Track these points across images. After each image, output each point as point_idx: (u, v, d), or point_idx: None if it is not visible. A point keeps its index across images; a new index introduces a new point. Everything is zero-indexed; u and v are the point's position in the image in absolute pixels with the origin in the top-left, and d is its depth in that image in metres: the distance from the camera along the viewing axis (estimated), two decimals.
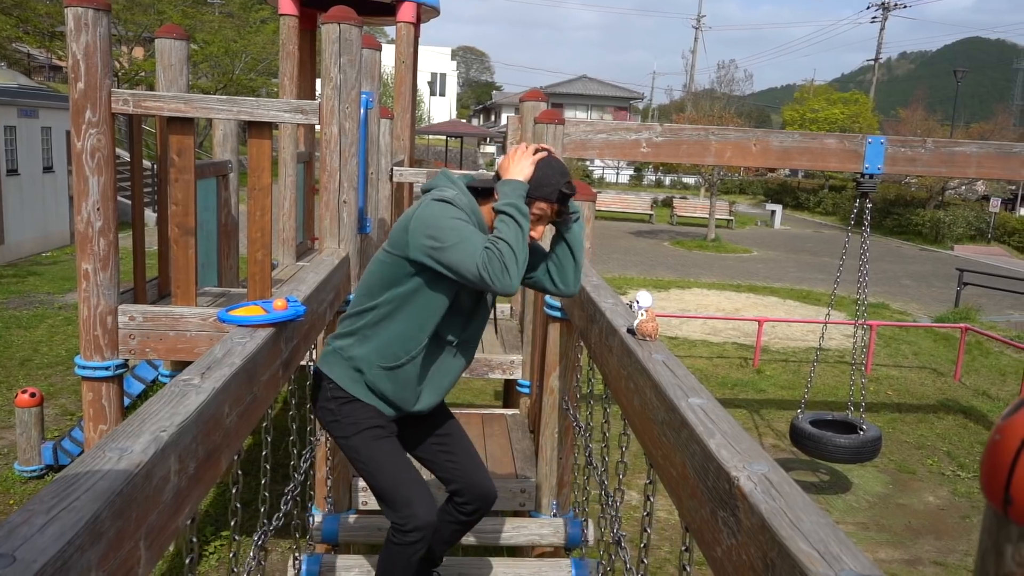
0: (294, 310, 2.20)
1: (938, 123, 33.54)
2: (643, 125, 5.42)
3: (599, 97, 52.34)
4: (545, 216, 2.27)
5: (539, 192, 2.23)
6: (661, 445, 1.75)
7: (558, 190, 2.23)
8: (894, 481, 6.85)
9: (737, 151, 5.46)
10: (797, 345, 11.27)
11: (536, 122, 4.76)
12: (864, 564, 1.04)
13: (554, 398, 3.76)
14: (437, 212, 2.17)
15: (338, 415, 2.38)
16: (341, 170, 3.53)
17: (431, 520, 2.30)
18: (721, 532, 1.34)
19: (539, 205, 2.24)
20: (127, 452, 1.23)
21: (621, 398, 2.24)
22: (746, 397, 8.80)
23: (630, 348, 2.12)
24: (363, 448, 2.35)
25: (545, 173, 2.23)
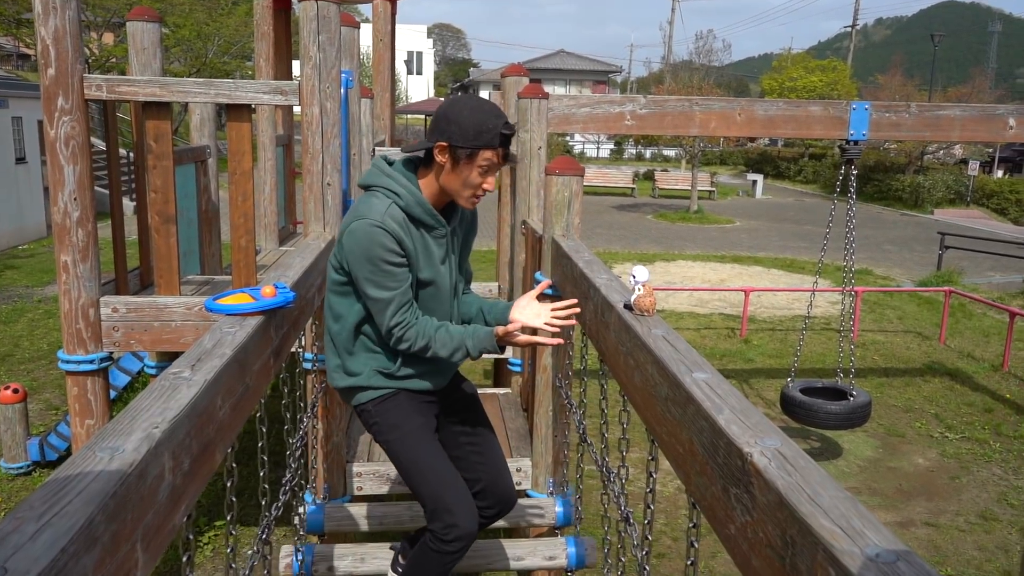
0: (283, 296, 2.14)
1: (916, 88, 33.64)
2: (626, 97, 5.36)
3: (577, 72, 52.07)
4: (493, 164, 2.16)
5: (480, 141, 2.11)
6: (666, 422, 1.72)
7: (498, 133, 2.12)
8: (884, 445, 6.91)
9: (722, 121, 5.42)
10: (783, 314, 11.32)
11: (519, 97, 4.70)
12: (888, 538, 1.01)
13: (547, 376, 3.73)
14: (366, 246, 2.13)
15: (376, 416, 2.35)
16: (324, 151, 3.46)
17: (473, 529, 2.26)
18: (734, 509, 1.31)
19: (484, 155, 2.13)
20: (119, 451, 1.18)
21: (620, 375, 2.21)
22: (735, 367, 8.83)
23: (628, 324, 2.08)
24: (404, 452, 2.32)
25: (479, 119, 2.11)
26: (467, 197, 2.20)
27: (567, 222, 3.48)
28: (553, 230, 3.49)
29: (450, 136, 2.12)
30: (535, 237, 4.00)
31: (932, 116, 5.54)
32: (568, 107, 5.11)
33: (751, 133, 5.87)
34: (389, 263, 2.15)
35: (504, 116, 2.17)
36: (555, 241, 3.44)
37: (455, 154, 2.13)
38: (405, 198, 2.19)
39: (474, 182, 2.17)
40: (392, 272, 2.16)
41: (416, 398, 2.37)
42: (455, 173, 2.16)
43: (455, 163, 2.14)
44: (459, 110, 2.13)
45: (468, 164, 2.13)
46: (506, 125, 2.13)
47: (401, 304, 2.20)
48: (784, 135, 5.72)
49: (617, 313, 2.21)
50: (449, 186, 2.19)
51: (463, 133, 2.11)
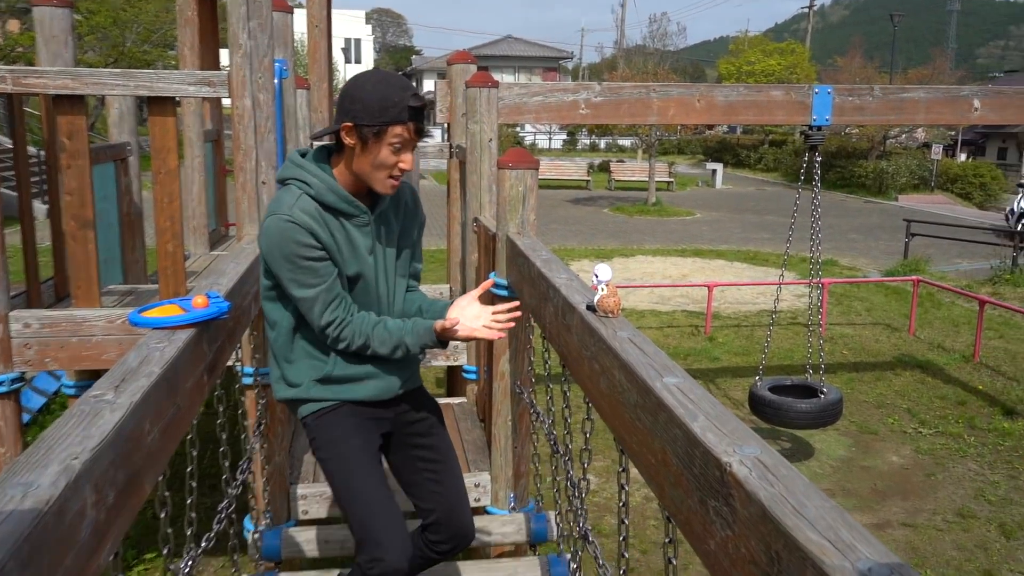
0: (216, 307, 2.08)
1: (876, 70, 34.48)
2: (581, 84, 5.37)
3: (526, 58, 52.22)
4: (405, 140, 2.10)
5: (386, 116, 2.06)
6: (636, 430, 1.70)
7: (406, 106, 2.07)
8: (856, 443, 7.05)
9: (681, 108, 5.46)
10: (748, 309, 11.49)
11: (467, 86, 4.67)
12: (880, 551, 1.01)
13: (505, 383, 3.71)
14: (279, 243, 2.10)
15: (315, 431, 2.30)
16: (257, 147, 3.39)
17: (402, 566, 2.20)
18: (713, 524, 1.30)
19: (393, 132, 2.08)
20: (33, 488, 1.11)
21: (584, 380, 2.19)
22: (700, 367, 8.93)
23: (592, 326, 2.07)
24: (338, 473, 2.26)
25: (383, 93, 2.06)
26: (382, 180, 2.14)
27: (522, 218, 3.46)
28: (507, 227, 3.47)
29: (355, 115, 2.08)
30: (488, 235, 3.97)
31: (896, 99, 5.66)
32: (519, 96, 5.10)
33: (711, 120, 5.93)
34: (306, 258, 2.11)
35: (412, 88, 2.11)
36: (510, 239, 3.42)
37: (362, 134, 2.08)
38: (315, 186, 2.14)
39: (387, 162, 2.11)
40: (312, 268, 2.12)
41: (361, 412, 2.32)
42: (365, 155, 2.11)
43: (364, 144, 2.10)
44: (361, 86, 2.09)
45: (377, 143, 2.08)
46: (415, 96, 2.08)
47: (328, 301, 2.16)
48: (745, 121, 5.79)
49: (579, 315, 2.20)
50: (361, 170, 2.14)
51: (367, 110, 2.06)
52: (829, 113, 5.57)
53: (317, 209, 2.14)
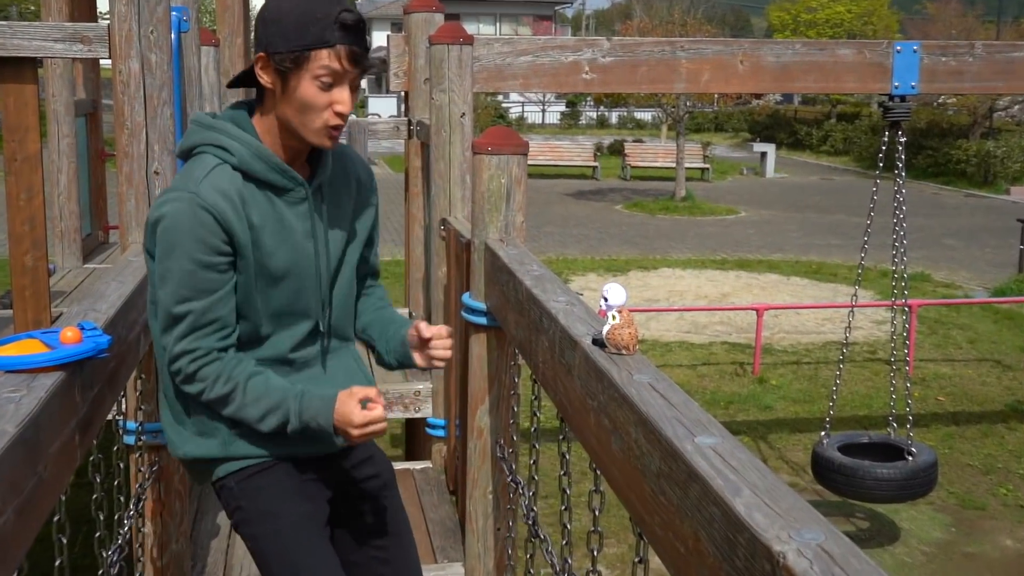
0: (93, 343, 2.09)
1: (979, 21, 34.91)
2: (583, 40, 5.43)
3: (511, 3, 52.61)
4: (336, 72, 2.08)
5: (307, 37, 2.05)
6: (659, 508, 1.72)
7: (332, 22, 2.05)
8: (957, 522, 7.08)
9: (717, 72, 5.52)
10: (811, 340, 11.55)
11: (432, 43, 4.70)
12: None
13: (484, 442, 3.71)
14: (178, 228, 2.09)
15: (240, 497, 2.28)
16: (148, 125, 3.41)
17: None
18: None
19: (318, 59, 2.05)
20: None
21: (589, 440, 2.21)
22: (747, 418, 8.96)
23: (600, 367, 2.08)
24: (277, 554, 2.26)
25: (304, 8, 2.06)
26: (316, 129, 2.13)
27: (506, 221, 3.48)
28: (486, 232, 3.49)
29: (269, 42, 2.09)
30: (460, 243, 3.98)
31: (1005, 59, 5.74)
32: (502, 55, 5.14)
33: (758, 88, 5.99)
34: (203, 263, 2.09)
35: (344, 3, 2.11)
36: (490, 248, 3.43)
37: (279, 66, 2.08)
38: (237, 152, 2.14)
39: (315, 102, 2.09)
40: (203, 276, 2.11)
41: (300, 473, 2.32)
42: (288, 96, 2.10)
43: (283, 80, 2.10)
44: (277, 4, 2.10)
45: (298, 76, 2.08)
46: (346, 11, 2.08)
47: (201, 324, 2.12)
48: (805, 90, 5.87)
49: (583, 351, 2.21)
50: (287, 118, 2.14)
51: (283, 32, 2.07)
52: (916, 79, 5.65)
53: (239, 182, 2.13)
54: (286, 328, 2.27)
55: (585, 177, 29.23)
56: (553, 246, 17.38)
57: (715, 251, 17.38)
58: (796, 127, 39.44)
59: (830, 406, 6.45)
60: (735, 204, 23.91)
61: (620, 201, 24.33)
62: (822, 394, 9.44)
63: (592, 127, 44.51)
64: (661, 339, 11.35)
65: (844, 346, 6.45)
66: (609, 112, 45.13)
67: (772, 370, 10.35)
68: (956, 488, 7.62)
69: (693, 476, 1.55)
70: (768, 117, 41.50)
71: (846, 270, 15.42)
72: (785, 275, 15.18)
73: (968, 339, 11.82)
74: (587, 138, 35.39)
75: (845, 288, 13.71)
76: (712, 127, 43.68)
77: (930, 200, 25.32)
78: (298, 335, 2.29)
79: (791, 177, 30.60)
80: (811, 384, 9.92)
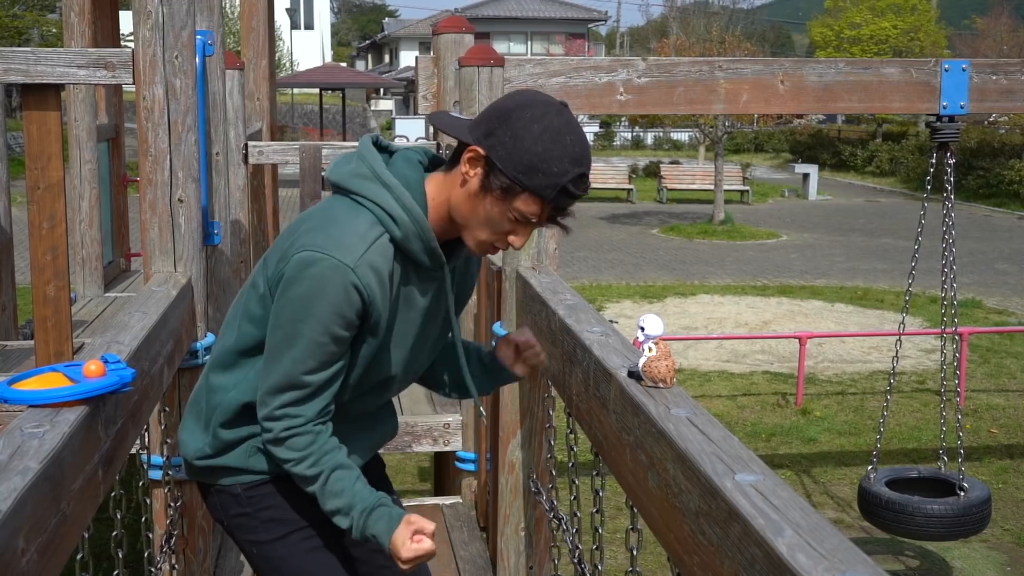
0: (117, 376, 2.12)
1: None
2: (618, 61, 5.44)
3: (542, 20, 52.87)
4: (531, 220, 2.10)
5: (532, 181, 2.03)
6: (698, 548, 1.73)
7: (562, 184, 2.05)
8: (1013, 561, 6.99)
9: (757, 92, 5.52)
10: (857, 370, 11.46)
11: (461, 65, 4.74)
12: None
13: (516, 477, 3.72)
14: (314, 291, 2.07)
15: (246, 504, 2.30)
16: (172, 152, 3.45)
17: None
18: None
19: (524, 201, 2.06)
20: None
21: (625, 476, 2.22)
22: (789, 451, 8.90)
23: (636, 401, 2.09)
24: (286, 564, 2.29)
25: (548, 151, 2.03)
26: (480, 240, 2.14)
27: (538, 248, 3.51)
28: (517, 260, 3.51)
29: (494, 147, 2.04)
30: (491, 271, 4.00)
31: None
32: (533, 77, 5.16)
33: (800, 108, 5.98)
34: (335, 335, 2.09)
35: (586, 163, 2.10)
36: (521, 276, 3.46)
37: (489, 175, 2.05)
38: (404, 227, 2.10)
39: (499, 226, 2.10)
40: (331, 349, 2.11)
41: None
42: (478, 201, 2.09)
43: (483, 188, 2.07)
44: (529, 120, 2.06)
45: (500, 200, 2.06)
46: (580, 179, 2.07)
47: (312, 394, 2.14)
48: (849, 110, 5.84)
49: (619, 384, 2.23)
50: (463, 214, 2.12)
51: (515, 157, 2.03)
52: (965, 98, 5.62)
53: (390, 263, 2.12)
54: (372, 396, 2.33)
55: (620, 200, 29.22)
56: (587, 272, 17.38)
57: (756, 277, 17.31)
58: (840, 147, 39.27)
59: (877, 439, 6.39)
60: (776, 228, 23.82)
61: (656, 225, 24.30)
62: (868, 426, 9.37)
63: (627, 148, 44.53)
64: (699, 368, 11.30)
65: (891, 376, 6.40)
66: (644, 133, 45.11)
67: (816, 401, 10.28)
68: (1011, 525, 7.53)
69: (733, 515, 1.56)
70: (810, 137, 41.35)
71: (893, 296, 15.31)
72: (829, 302, 15.09)
73: (1022, 368, 11.69)
74: (621, 160, 35.43)
75: (892, 315, 13.64)
76: (752, 148, 43.57)
77: (981, 223, 25.12)
78: (379, 403, 2.38)
79: (835, 199, 30.46)
80: (857, 416, 9.85)
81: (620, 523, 6.30)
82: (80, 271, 6.85)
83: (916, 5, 37.71)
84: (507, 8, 52.82)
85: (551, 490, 3.49)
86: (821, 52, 37.14)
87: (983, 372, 11.44)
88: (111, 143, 7.66)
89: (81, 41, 6.96)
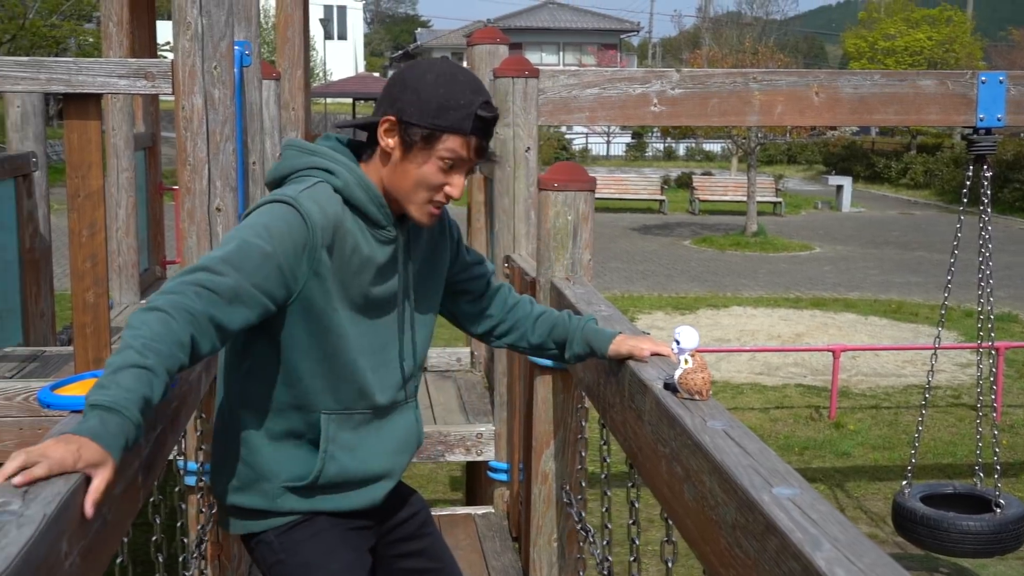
0: None
1: None
2: (651, 72, 5.45)
3: (574, 31, 52.88)
4: (460, 159, 2.15)
5: (444, 120, 2.11)
6: (734, 561, 1.72)
7: (472, 112, 2.13)
8: None
9: (792, 104, 5.51)
10: (891, 384, 11.39)
11: (496, 76, 4.76)
12: None
13: (549, 487, 3.72)
14: (263, 212, 2.11)
15: (280, 551, 2.31)
16: (211, 161, 3.49)
17: None
18: None
19: (447, 142, 2.13)
20: None
21: (660, 488, 2.21)
22: (823, 465, 8.85)
23: (672, 413, 2.09)
24: None
25: (449, 91, 2.13)
26: (420, 203, 2.19)
27: (572, 258, 3.51)
28: (552, 270, 3.51)
29: (403, 108, 2.14)
30: (525, 280, 4.01)
31: None
32: (568, 88, 5.18)
33: (835, 121, 5.96)
34: (265, 251, 2.03)
35: (486, 92, 2.19)
36: (555, 287, 3.46)
37: (407, 135, 2.13)
38: (343, 176, 2.17)
39: (432, 180, 2.16)
40: (257, 264, 2.03)
41: (342, 523, 2.36)
42: (406, 165, 2.16)
43: (406, 149, 2.15)
44: (420, 75, 2.17)
45: (424, 152, 2.13)
46: (486, 104, 2.15)
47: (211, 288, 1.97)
48: (884, 122, 5.83)
49: (654, 396, 2.22)
50: (396, 185, 2.19)
51: (422, 105, 2.12)
52: (1002, 111, 5.59)
53: (336, 207, 2.15)
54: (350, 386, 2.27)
55: (651, 211, 29.18)
56: (618, 283, 17.35)
57: (788, 289, 17.23)
58: (874, 159, 39.05)
59: (912, 453, 6.35)
60: (809, 240, 23.72)
61: (688, 236, 24.24)
62: (903, 441, 9.31)
63: (659, 159, 44.44)
64: (732, 381, 11.26)
65: (927, 390, 6.36)
66: (677, 144, 45.02)
67: (849, 415, 10.22)
68: None
69: (771, 528, 1.55)
70: (844, 149, 41.13)
71: (928, 310, 15.21)
72: (863, 315, 15.00)
73: None
74: (653, 170, 35.38)
75: (927, 329, 13.54)
76: (785, 159, 43.38)
77: (1018, 236, 24.90)
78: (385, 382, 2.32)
79: (868, 211, 30.29)
80: (891, 430, 9.78)
81: (650, 535, 6.29)
82: (117, 278, 6.91)
83: (951, 16, 37.47)
84: (539, 19, 52.88)
85: (580, 501, 3.49)
86: (855, 63, 36.96)
87: (1020, 387, 11.34)
88: (147, 152, 7.73)
89: (119, 51, 7.03)
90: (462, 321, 2.62)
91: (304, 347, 2.20)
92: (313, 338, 2.20)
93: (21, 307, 5.37)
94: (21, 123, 5.67)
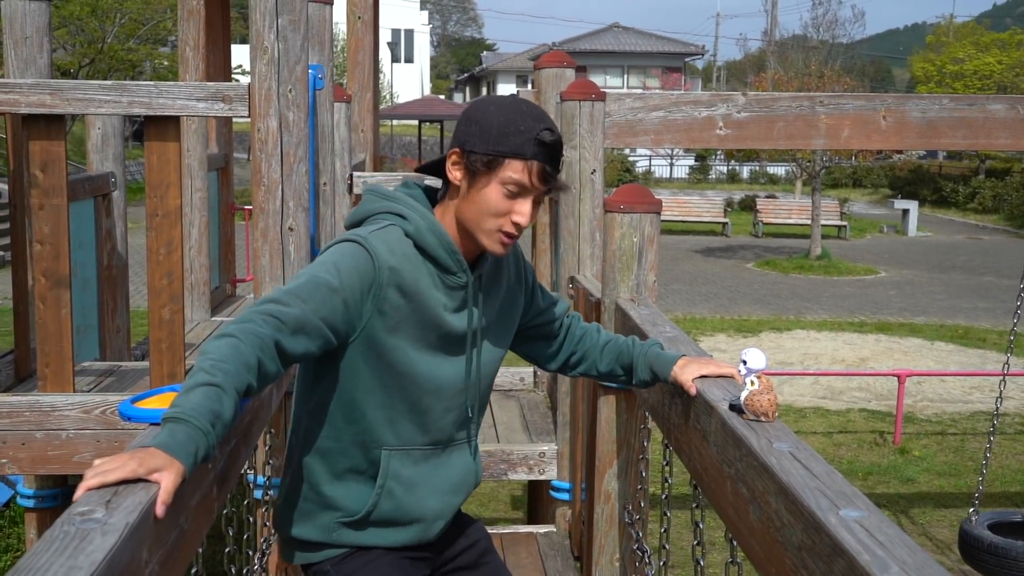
0: None
1: None
2: (717, 95, 5.45)
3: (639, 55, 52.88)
4: (523, 186, 2.16)
5: (504, 145, 2.14)
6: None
7: (532, 138, 2.14)
8: None
9: (858, 128, 5.48)
10: (958, 409, 11.20)
11: (563, 99, 4.79)
12: None
13: (611, 507, 3.72)
14: (333, 251, 2.20)
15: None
16: (284, 182, 3.55)
17: None
18: None
19: (509, 168, 2.15)
20: None
21: (725, 508, 2.21)
22: (887, 491, 8.73)
23: (738, 434, 2.09)
24: None
25: (509, 118, 2.16)
26: (489, 232, 2.20)
27: (637, 280, 3.52)
28: (617, 291, 3.52)
29: (466, 140, 2.18)
30: (589, 301, 4.02)
31: None
32: (633, 111, 5.20)
33: (902, 145, 5.91)
34: (332, 285, 2.10)
35: (548, 120, 2.22)
36: (620, 308, 3.46)
37: (471, 165, 2.17)
38: (414, 220, 2.22)
39: (497, 207, 2.17)
40: (324, 297, 2.09)
41: (398, 552, 2.39)
42: (473, 195, 2.19)
43: (471, 178, 2.18)
44: (483, 108, 2.22)
45: (487, 178, 2.16)
46: (548, 130, 2.17)
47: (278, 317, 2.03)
48: (952, 146, 5.77)
49: (720, 417, 2.23)
50: (465, 215, 2.22)
51: (483, 134, 2.16)
52: None
53: (406, 249, 2.21)
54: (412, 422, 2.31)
55: (715, 233, 29.04)
56: (681, 304, 17.27)
57: (853, 313, 17.04)
58: (941, 183, 38.51)
59: (979, 480, 6.25)
60: (874, 263, 23.44)
61: (751, 259, 24.07)
62: (969, 467, 9.15)
63: (722, 182, 44.18)
64: (795, 404, 11.16)
65: (995, 417, 6.25)
66: (740, 166, 44.76)
67: (914, 440, 10.07)
68: None
69: (838, 551, 1.55)
70: (910, 172, 40.60)
71: (996, 336, 14.94)
72: (929, 340, 14.78)
73: None
74: (717, 193, 35.18)
75: (994, 355, 13.30)
76: (850, 182, 42.90)
77: None
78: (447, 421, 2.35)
79: (935, 236, 29.86)
80: (957, 456, 9.62)
81: (711, 558, 6.24)
82: (189, 295, 7.01)
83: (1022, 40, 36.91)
84: (604, 42, 52.94)
85: (639, 522, 3.48)
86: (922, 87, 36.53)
87: None
88: (220, 172, 7.85)
89: (195, 74, 7.18)
90: (536, 360, 2.67)
91: (366, 383, 2.24)
92: (375, 374, 2.24)
93: (98, 323, 5.48)
94: (101, 144, 5.79)
